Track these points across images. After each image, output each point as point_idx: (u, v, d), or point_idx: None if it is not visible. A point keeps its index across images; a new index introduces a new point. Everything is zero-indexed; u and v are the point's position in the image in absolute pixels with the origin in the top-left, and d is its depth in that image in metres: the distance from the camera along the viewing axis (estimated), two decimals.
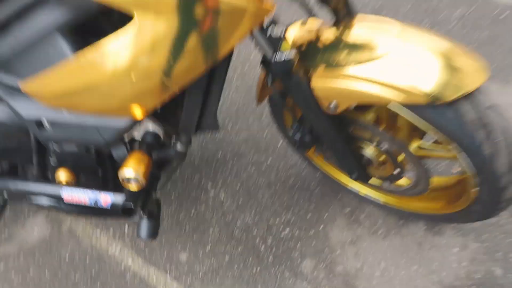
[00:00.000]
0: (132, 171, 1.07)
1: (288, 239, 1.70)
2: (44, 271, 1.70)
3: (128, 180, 1.09)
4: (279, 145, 1.99)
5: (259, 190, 1.85)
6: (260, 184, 1.87)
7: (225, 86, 2.16)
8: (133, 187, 1.10)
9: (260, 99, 1.40)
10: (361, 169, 1.36)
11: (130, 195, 1.14)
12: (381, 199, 1.61)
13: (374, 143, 1.27)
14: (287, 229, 1.73)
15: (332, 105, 1.05)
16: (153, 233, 1.27)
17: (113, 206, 1.17)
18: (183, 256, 1.71)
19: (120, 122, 1.02)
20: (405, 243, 1.62)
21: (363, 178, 1.40)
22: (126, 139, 1.20)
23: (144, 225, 1.26)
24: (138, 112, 0.94)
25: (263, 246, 1.69)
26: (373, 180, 1.46)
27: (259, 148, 2.00)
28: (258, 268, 1.64)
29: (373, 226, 1.68)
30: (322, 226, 1.72)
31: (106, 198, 1.16)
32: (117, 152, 1.18)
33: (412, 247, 1.61)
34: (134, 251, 1.73)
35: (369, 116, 1.22)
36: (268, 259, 1.66)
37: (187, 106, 1.06)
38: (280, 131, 1.70)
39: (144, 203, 1.19)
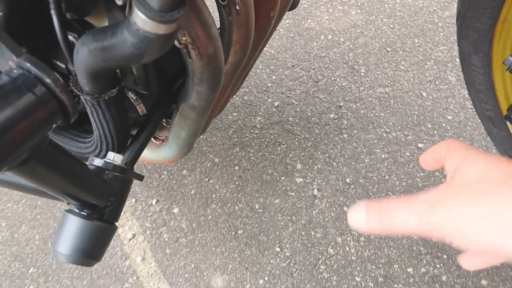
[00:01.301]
0: None
1: None
2: None
3: None
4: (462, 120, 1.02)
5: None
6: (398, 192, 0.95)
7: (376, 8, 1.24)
8: None
9: None
10: None
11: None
12: None
13: None
14: None
15: None
16: (87, 251, 0.51)
17: None
18: (218, 282, 0.94)
19: None
20: None
21: None
22: None
23: (73, 223, 0.51)
24: None
25: None
26: None
27: (408, 118, 1.04)
28: None
29: None
30: None
31: None
32: None
33: None
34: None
35: None
36: None
37: None
38: (477, 109, 0.74)
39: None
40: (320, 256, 0.91)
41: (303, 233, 0.95)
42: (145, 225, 1.08)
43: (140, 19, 0.35)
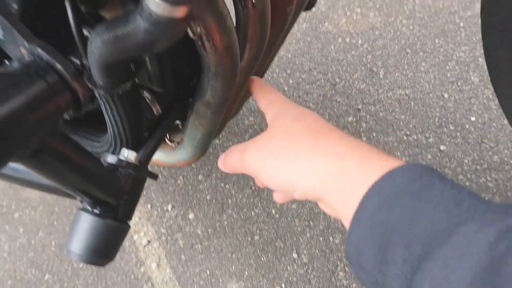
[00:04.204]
0: None
1: None
2: None
3: None
4: None
5: None
6: None
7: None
8: None
9: None
10: None
11: None
12: None
13: None
14: None
15: None
16: (100, 250, 0.50)
17: None
18: None
19: None
20: None
21: None
22: None
23: (85, 222, 0.49)
24: None
25: None
26: None
27: (430, 120, 1.01)
28: None
29: None
30: None
31: None
32: None
33: None
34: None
35: None
36: None
37: None
38: (504, 107, 0.71)
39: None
40: (339, 263, 0.88)
41: (321, 238, 0.92)
42: (160, 231, 1.06)
43: (152, 2, 0.34)
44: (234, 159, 0.39)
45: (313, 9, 1.37)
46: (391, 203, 0.25)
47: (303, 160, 0.32)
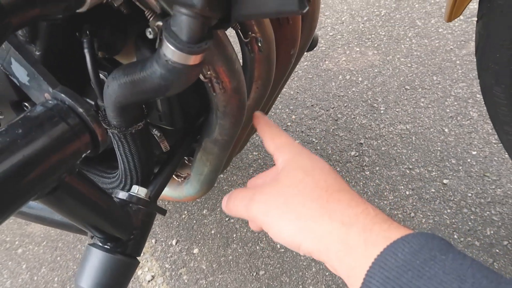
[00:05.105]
0: None
1: None
2: None
3: None
4: None
5: None
6: None
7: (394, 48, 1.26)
8: None
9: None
10: None
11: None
12: None
13: None
14: None
15: None
16: (110, 286, 0.50)
17: None
18: None
19: None
20: None
21: None
22: None
23: (95, 257, 0.50)
24: None
25: None
26: None
27: (432, 154, 1.03)
28: None
29: None
30: None
31: None
32: None
33: None
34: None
35: None
36: None
37: None
38: (504, 142, 0.74)
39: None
40: None
41: (327, 273, 0.92)
42: (164, 266, 1.06)
43: (169, 50, 0.37)
44: (240, 206, 0.39)
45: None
46: (395, 282, 0.26)
47: (310, 222, 0.33)
